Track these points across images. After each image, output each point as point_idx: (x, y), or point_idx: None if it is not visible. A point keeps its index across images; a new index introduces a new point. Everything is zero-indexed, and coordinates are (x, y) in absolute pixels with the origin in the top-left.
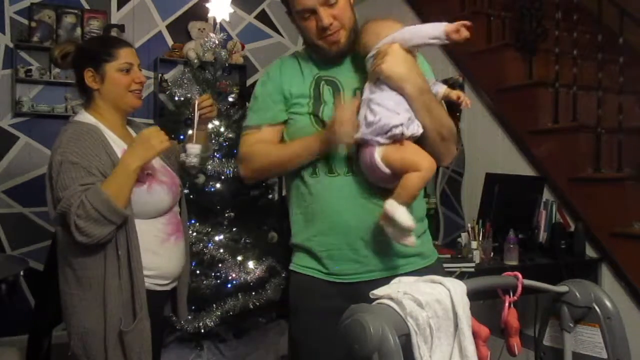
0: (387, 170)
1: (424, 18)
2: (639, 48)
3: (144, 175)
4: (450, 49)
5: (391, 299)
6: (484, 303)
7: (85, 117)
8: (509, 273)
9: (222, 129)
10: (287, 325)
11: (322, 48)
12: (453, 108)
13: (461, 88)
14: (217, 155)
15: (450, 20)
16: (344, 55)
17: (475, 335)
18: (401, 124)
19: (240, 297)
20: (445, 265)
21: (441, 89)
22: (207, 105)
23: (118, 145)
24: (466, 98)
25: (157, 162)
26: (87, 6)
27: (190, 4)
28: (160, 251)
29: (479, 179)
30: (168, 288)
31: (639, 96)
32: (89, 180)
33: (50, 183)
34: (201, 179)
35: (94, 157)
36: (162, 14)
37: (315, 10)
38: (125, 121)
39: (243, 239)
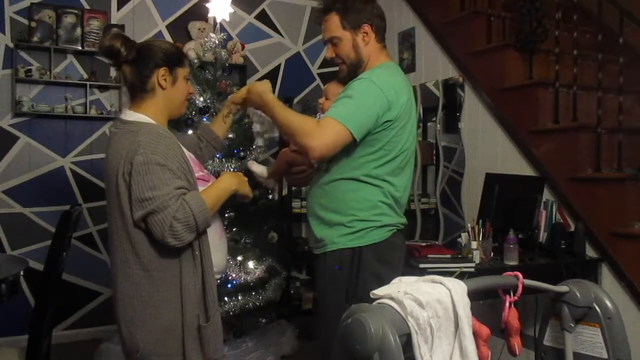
0: None
1: (425, 18)
2: (639, 48)
3: (209, 176)
4: (451, 49)
5: (392, 298)
6: (484, 303)
7: (141, 117)
8: (510, 273)
9: None
10: (287, 325)
11: None
12: (453, 108)
13: (461, 88)
14: (218, 156)
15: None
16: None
17: (475, 335)
18: None
19: (240, 297)
20: (445, 265)
21: None
22: None
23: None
24: None
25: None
26: (87, 6)
27: (190, 4)
28: (219, 246)
29: (479, 179)
30: (219, 282)
31: (639, 96)
32: (179, 184)
33: (129, 184)
34: None
35: (175, 159)
36: (162, 14)
37: None
38: None
39: (243, 239)
